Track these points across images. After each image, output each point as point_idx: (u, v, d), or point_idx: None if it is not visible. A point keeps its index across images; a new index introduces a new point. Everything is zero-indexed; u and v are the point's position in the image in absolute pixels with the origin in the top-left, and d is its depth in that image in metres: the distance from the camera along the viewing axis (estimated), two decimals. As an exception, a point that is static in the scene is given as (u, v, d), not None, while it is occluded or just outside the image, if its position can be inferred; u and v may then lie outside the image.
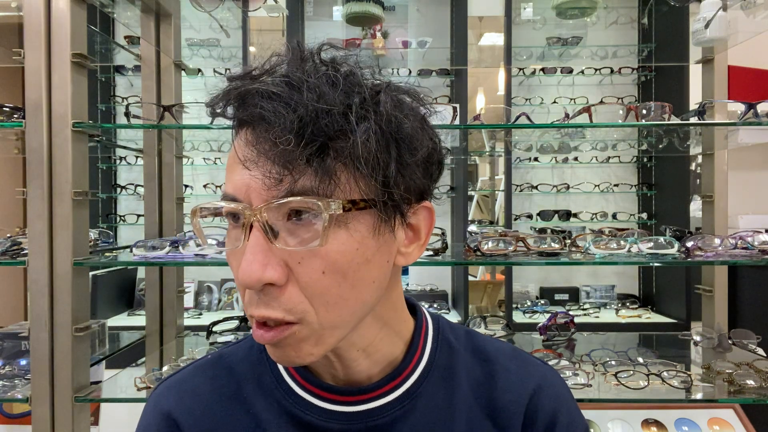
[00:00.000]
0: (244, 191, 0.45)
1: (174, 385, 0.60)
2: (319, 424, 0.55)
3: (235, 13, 1.85)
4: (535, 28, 2.93)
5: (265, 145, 0.44)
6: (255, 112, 0.44)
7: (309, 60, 0.47)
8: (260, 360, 0.59)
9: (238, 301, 2.95)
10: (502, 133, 2.34)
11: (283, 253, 0.45)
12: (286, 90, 0.44)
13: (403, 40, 2.91)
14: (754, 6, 1.42)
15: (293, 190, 0.44)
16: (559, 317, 1.61)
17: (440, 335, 0.61)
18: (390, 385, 0.56)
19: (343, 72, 0.47)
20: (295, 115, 0.43)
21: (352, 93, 0.45)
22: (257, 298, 0.46)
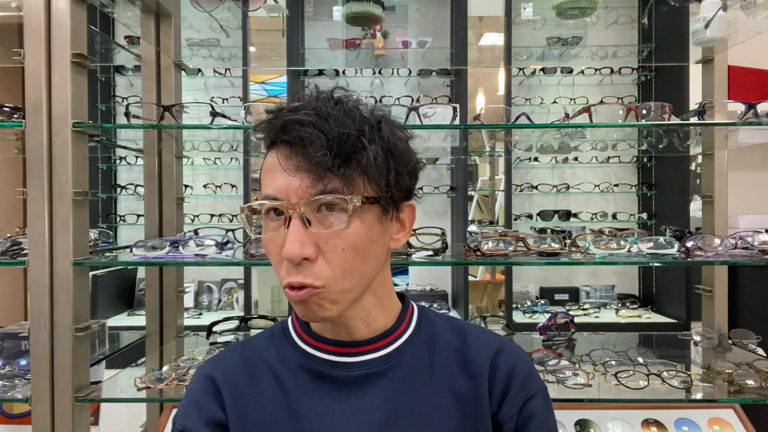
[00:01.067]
0: (284, 192, 0.63)
1: (212, 359, 0.78)
2: (326, 371, 0.72)
3: (235, 13, 1.85)
4: (535, 28, 2.93)
5: (303, 159, 0.62)
6: (296, 135, 0.62)
7: (329, 99, 0.68)
8: (281, 337, 0.77)
9: (238, 301, 2.95)
10: (502, 133, 2.34)
11: (315, 236, 0.63)
12: (318, 120, 0.63)
13: (403, 40, 2.91)
14: (754, 6, 1.42)
15: (324, 190, 0.62)
16: (559, 317, 1.61)
17: (423, 315, 0.79)
18: (382, 342, 0.73)
19: (352, 106, 0.67)
20: (326, 137, 0.62)
21: (362, 122, 0.65)
22: (294, 270, 0.64)
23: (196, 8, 1.58)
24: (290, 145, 0.64)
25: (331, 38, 2.85)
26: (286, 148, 0.64)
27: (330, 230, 0.64)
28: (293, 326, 0.77)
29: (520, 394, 0.72)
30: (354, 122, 0.64)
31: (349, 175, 0.63)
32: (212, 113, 1.38)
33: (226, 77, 3.02)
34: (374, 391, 0.70)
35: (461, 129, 1.66)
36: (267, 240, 0.67)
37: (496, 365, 0.73)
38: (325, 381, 0.71)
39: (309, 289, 0.64)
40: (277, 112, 0.66)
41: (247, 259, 1.28)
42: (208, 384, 0.74)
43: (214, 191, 2.98)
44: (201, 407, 0.72)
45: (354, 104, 0.68)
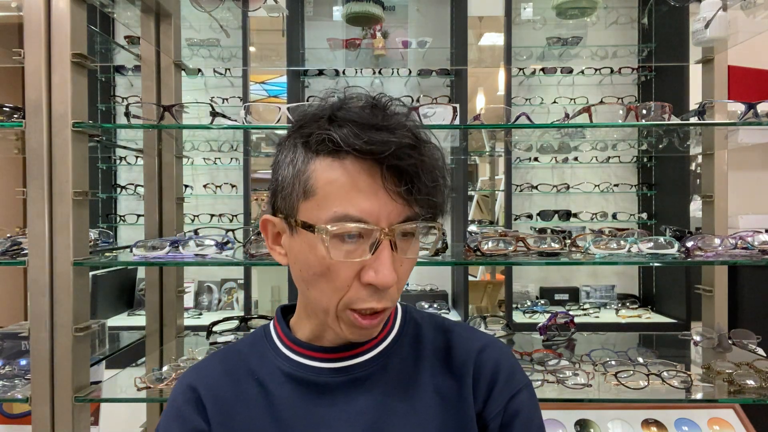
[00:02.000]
0: (375, 216, 0.60)
1: (194, 368, 0.76)
2: (311, 378, 0.70)
3: (235, 13, 1.85)
4: (535, 28, 2.93)
5: (411, 187, 0.60)
6: (411, 162, 0.59)
7: (403, 116, 0.64)
8: (262, 343, 0.76)
9: (238, 301, 2.95)
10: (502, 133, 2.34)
11: (397, 260, 0.62)
12: (418, 143, 0.61)
13: (403, 40, 2.91)
14: (754, 6, 1.42)
15: (412, 215, 0.62)
16: (559, 317, 1.61)
17: (407, 315, 0.78)
18: (366, 346, 0.72)
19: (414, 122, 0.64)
20: (429, 165, 0.61)
21: (434, 148, 0.64)
22: (377, 296, 0.63)
23: (196, 8, 1.58)
24: (394, 170, 0.60)
25: (331, 38, 2.85)
26: (389, 172, 0.60)
27: (411, 256, 0.64)
28: (275, 332, 0.76)
29: (505, 391, 0.72)
30: (436, 149, 0.64)
31: (435, 203, 0.63)
32: (212, 113, 1.38)
33: (226, 77, 3.02)
34: (360, 396, 0.69)
35: (461, 129, 1.66)
36: (341, 263, 0.62)
37: (480, 363, 0.73)
38: (310, 388, 0.70)
39: (383, 314, 0.65)
40: (361, 127, 0.60)
41: (247, 259, 1.28)
42: (191, 394, 0.72)
43: (214, 191, 2.98)
44: (184, 419, 0.70)
45: (412, 120, 0.65)
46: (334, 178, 0.60)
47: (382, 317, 0.65)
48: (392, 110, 0.64)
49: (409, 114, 0.65)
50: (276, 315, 0.78)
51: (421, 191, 0.60)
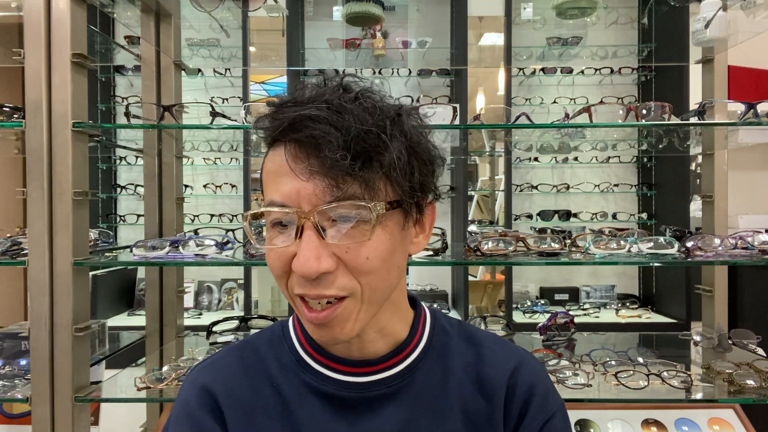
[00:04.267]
0: (294, 198, 0.55)
1: (209, 365, 0.70)
2: (333, 392, 0.65)
3: (235, 13, 1.85)
4: (535, 28, 2.93)
5: (317, 160, 0.54)
6: (309, 133, 0.54)
7: (338, 89, 0.58)
8: (280, 343, 0.70)
9: (238, 301, 2.95)
10: (502, 133, 2.34)
11: (331, 247, 0.55)
12: (333, 115, 0.54)
13: (403, 40, 2.91)
14: (754, 6, 1.42)
15: (342, 196, 0.54)
16: (559, 317, 1.61)
17: (437, 322, 0.72)
18: (395, 359, 0.66)
19: (366, 97, 0.58)
20: (342, 135, 0.53)
21: (381, 116, 0.56)
22: (309, 285, 0.56)
23: (196, 8, 1.58)
24: (300, 145, 0.55)
25: (331, 38, 2.85)
26: (294, 147, 0.56)
27: (354, 241, 0.56)
28: (295, 332, 0.70)
29: (540, 416, 0.67)
30: (372, 116, 0.56)
31: (369, 178, 0.55)
32: (212, 113, 1.38)
33: (226, 77, 3.02)
34: (384, 414, 0.64)
35: (461, 129, 1.66)
36: (273, 253, 0.58)
37: (514, 384, 0.67)
38: (333, 403, 0.65)
39: (333, 309, 0.57)
40: (281, 107, 0.57)
41: (247, 259, 1.28)
42: (206, 398, 0.66)
43: (214, 191, 2.98)
44: (197, 423, 0.65)
45: (368, 94, 0.59)
46: (267, 167, 0.59)
47: (333, 311, 0.57)
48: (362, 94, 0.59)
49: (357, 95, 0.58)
50: (295, 313, 0.70)
51: (334, 164, 0.53)
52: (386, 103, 0.60)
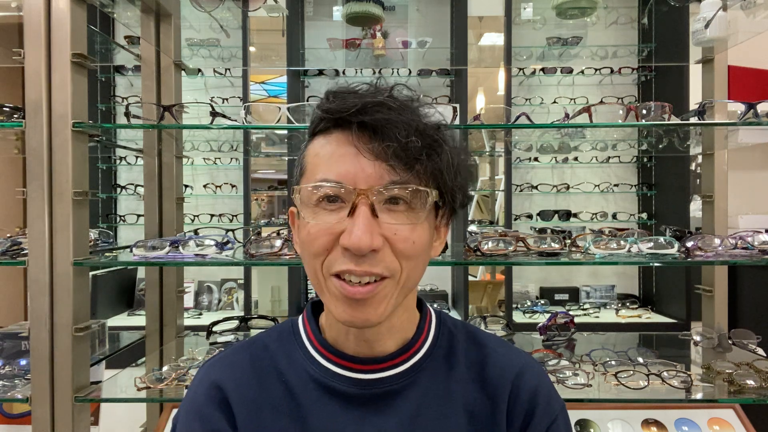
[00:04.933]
0: (352, 177, 0.58)
1: (218, 361, 0.72)
2: (341, 388, 0.66)
3: (235, 13, 1.85)
4: (535, 28, 2.93)
5: (380, 144, 0.57)
6: (380, 117, 0.58)
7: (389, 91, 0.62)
8: (290, 340, 0.72)
9: (238, 301, 2.95)
10: (502, 133, 2.34)
11: (383, 227, 0.58)
12: (400, 107, 0.59)
13: (403, 40, 2.91)
14: (754, 6, 1.42)
15: (399, 181, 0.58)
16: (559, 317, 1.61)
17: (442, 323, 0.74)
18: (401, 357, 0.68)
19: (419, 105, 0.63)
20: (406, 127, 0.57)
21: (433, 122, 0.62)
22: (356, 261, 0.58)
23: (196, 8, 1.58)
24: (365, 129, 0.58)
25: (331, 38, 2.85)
26: (359, 131, 0.59)
27: (400, 223, 0.59)
28: (305, 329, 0.72)
29: (545, 420, 0.68)
30: (427, 119, 0.61)
31: (423, 171, 0.59)
32: (212, 113, 1.38)
33: (226, 77, 3.02)
34: (391, 411, 0.66)
35: (461, 129, 1.66)
36: (318, 228, 0.60)
37: (518, 387, 0.69)
38: (339, 399, 0.66)
39: (375, 285, 0.59)
40: (344, 95, 0.61)
41: (247, 259, 1.28)
42: (215, 393, 0.67)
43: (214, 191, 2.98)
44: (206, 419, 0.66)
45: (418, 103, 0.63)
46: (318, 150, 0.62)
47: (373, 289, 0.59)
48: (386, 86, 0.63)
49: (414, 99, 0.63)
50: (306, 311, 0.74)
51: (397, 150, 0.57)
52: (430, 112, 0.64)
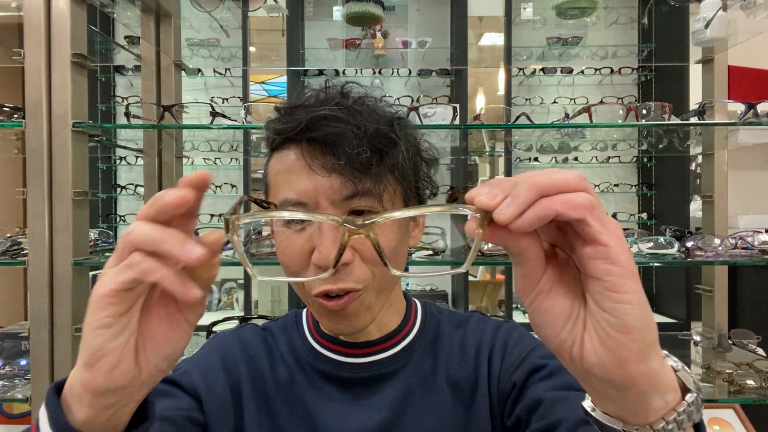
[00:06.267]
0: (311, 194, 0.59)
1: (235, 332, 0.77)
2: (333, 372, 0.70)
3: (235, 13, 1.85)
4: (535, 28, 2.93)
5: (334, 158, 0.58)
6: (327, 131, 0.58)
7: (339, 94, 0.63)
8: (293, 329, 0.76)
9: (238, 301, 2.95)
10: (502, 133, 2.34)
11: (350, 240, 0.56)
12: (347, 115, 0.59)
13: (403, 40, 2.91)
14: (754, 6, 1.42)
15: (357, 191, 0.58)
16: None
17: (428, 311, 0.78)
18: (390, 342, 0.71)
19: (371, 102, 0.64)
20: (357, 135, 0.58)
21: (386, 118, 0.62)
22: (331, 279, 0.58)
23: (196, 8, 1.58)
24: (315, 144, 0.59)
25: (331, 38, 2.85)
26: (309, 147, 0.60)
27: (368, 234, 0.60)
28: (307, 320, 0.76)
29: (520, 346, 0.71)
30: (379, 118, 0.61)
31: (381, 174, 0.60)
32: (212, 113, 1.38)
33: (226, 77, 3.02)
34: (382, 392, 0.69)
35: (461, 129, 1.66)
36: (291, 249, 0.61)
37: (495, 339, 0.73)
38: (333, 381, 0.70)
39: (350, 295, 0.60)
40: (291, 109, 0.62)
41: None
42: (240, 347, 0.74)
43: (214, 191, 2.98)
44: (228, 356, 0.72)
45: (371, 98, 0.64)
46: (277, 168, 0.63)
47: (351, 299, 0.61)
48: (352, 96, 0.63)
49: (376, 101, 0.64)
50: None
51: (351, 162, 0.57)
52: (385, 107, 0.65)
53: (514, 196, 0.35)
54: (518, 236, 0.37)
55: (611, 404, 0.39)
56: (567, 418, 0.58)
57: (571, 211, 0.35)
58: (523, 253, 0.38)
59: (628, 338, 0.36)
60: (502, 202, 0.36)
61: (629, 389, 0.37)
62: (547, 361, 0.67)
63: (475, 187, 0.37)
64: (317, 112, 0.59)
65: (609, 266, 0.36)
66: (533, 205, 0.35)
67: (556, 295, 0.39)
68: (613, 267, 0.36)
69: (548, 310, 0.39)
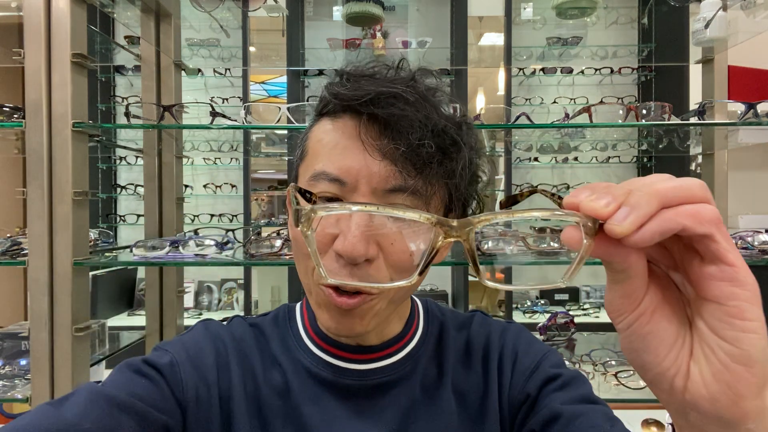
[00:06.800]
0: (354, 174, 0.52)
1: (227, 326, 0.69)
2: (334, 380, 0.63)
3: (235, 13, 1.85)
4: (535, 28, 2.93)
5: (390, 142, 0.51)
6: (393, 112, 0.51)
7: (411, 80, 0.55)
8: (285, 326, 0.69)
9: (238, 301, 2.95)
10: (502, 133, 2.34)
11: (378, 235, 0.52)
12: (418, 100, 0.52)
13: (403, 40, 2.91)
14: (754, 6, 1.42)
15: (404, 186, 0.52)
16: (559, 317, 1.61)
17: (430, 313, 0.72)
18: (392, 348, 0.65)
19: (443, 98, 0.56)
20: (426, 126, 0.51)
21: (454, 119, 0.55)
22: (347, 270, 0.51)
23: (196, 8, 1.58)
24: (375, 122, 0.52)
25: (331, 38, 2.85)
26: (368, 122, 0.52)
27: (399, 231, 0.52)
28: (301, 315, 0.69)
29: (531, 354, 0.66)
30: (449, 116, 0.54)
31: (436, 175, 0.53)
32: (212, 113, 1.38)
33: (226, 77, 3.02)
34: (386, 402, 0.63)
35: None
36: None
37: (503, 345, 0.68)
38: (332, 390, 0.63)
39: (363, 297, 0.54)
40: (359, 77, 0.55)
41: (247, 259, 1.28)
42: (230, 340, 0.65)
43: (214, 191, 2.98)
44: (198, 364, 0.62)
45: (443, 95, 0.57)
46: (322, 136, 0.56)
47: (363, 301, 0.54)
48: (408, 71, 0.56)
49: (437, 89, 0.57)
50: (305, 297, 0.68)
51: (408, 152, 0.51)
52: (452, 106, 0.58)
53: (633, 205, 0.31)
54: (629, 251, 0.33)
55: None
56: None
57: (697, 226, 0.31)
58: (628, 270, 0.34)
59: (749, 372, 0.32)
60: (617, 211, 0.31)
61: (737, 426, 0.33)
62: (560, 371, 0.64)
63: (575, 191, 0.33)
64: (388, 88, 0.52)
65: (735, 289, 0.32)
66: (654, 217, 0.31)
67: (660, 318, 0.35)
68: (741, 291, 0.32)
69: (651, 334, 0.35)
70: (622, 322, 0.35)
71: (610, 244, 0.32)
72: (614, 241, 0.32)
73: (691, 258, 0.34)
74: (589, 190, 0.33)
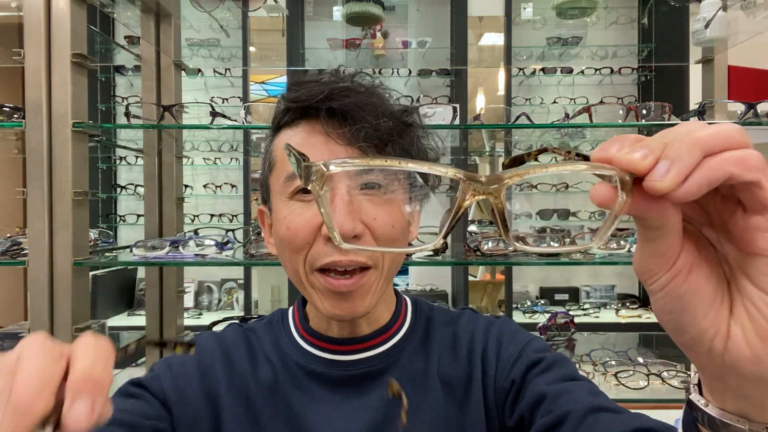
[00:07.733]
0: None
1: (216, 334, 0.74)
2: (322, 371, 0.67)
3: (235, 13, 1.85)
4: (535, 28, 2.93)
5: (350, 129, 0.57)
6: (348, 102, 0.58)
7: (352, 78, 0.64)
8: (278, 327, 0.73)
9: (238, 301, 2.95)
10: (502, 133, 2.34)
11: (360, 213, 0.57)
12: (366, 91, 0.60)
13: (403, 40, 2.91)
14: (754, 6, 1.42)
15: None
16: (559, 317, 1.61)
17: (418, 308, 0.75)
18: (380, 338, 0.69)
19: (383, 92, 0.65)
20: (378, 108, 0.59)
21: (398, 105, 0.64)
22: (334, 249, 0.57)
23: (196, 8, 1.58)
24: (334, 115, 0.59)
25: (331, 38, 2.85)
26: (328, 117, 0.59)
27: (378, 206, 0.58)
28: (293, 318, 0.73)
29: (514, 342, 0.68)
30: (392, 104, 0.63)
31: (396, 152, 0.60)
32: (212, 113, 1.38)
33: (226, 77, 3.02)
34: (372, 391, 0.66)
35: (461, 129, 1.66)
36: (297, 221, 0.59)
37: (488, 338, 0.71)
38: (320, 380, 0.67)
39: (359, 275, 0.59)
40: (307, 84, 0.61)
41: (247, 259, 1.28)
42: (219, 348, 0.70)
43: (214, 191, 2.98)
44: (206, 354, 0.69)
45: (382, 89, 0.65)
46: (288, 140, 0.61)
47: (360, 279, 0.59)
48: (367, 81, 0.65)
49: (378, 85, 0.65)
50: (297, 300, 0.75)
51: (369, 133, 0.57)
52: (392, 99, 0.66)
53: (674, 158, 0.28)
54: (666, 205, 0.30)
55: (739, 402, 0.34)
56: (574, 410, 0.56)
57: (745, 173, 0.28)
58: (665, 226, 0.32)
59: None
60: (655, 164, 0.29)
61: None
62: (543, 355, 0.65)
63: (602, 144, 0.31)
64: (338, 84, 0.59)
65: None
66: (698, 167, 0.28)
67: (698, 276, 0.33)
68: None
69: (688, 293, 0.33)
70: (656, 282, 0.34)
71: (647, 200, 0.30)
72: (651, 196, 0.29)
73: (731, 211, 0.31)
74: (619, 142, 0.31)
